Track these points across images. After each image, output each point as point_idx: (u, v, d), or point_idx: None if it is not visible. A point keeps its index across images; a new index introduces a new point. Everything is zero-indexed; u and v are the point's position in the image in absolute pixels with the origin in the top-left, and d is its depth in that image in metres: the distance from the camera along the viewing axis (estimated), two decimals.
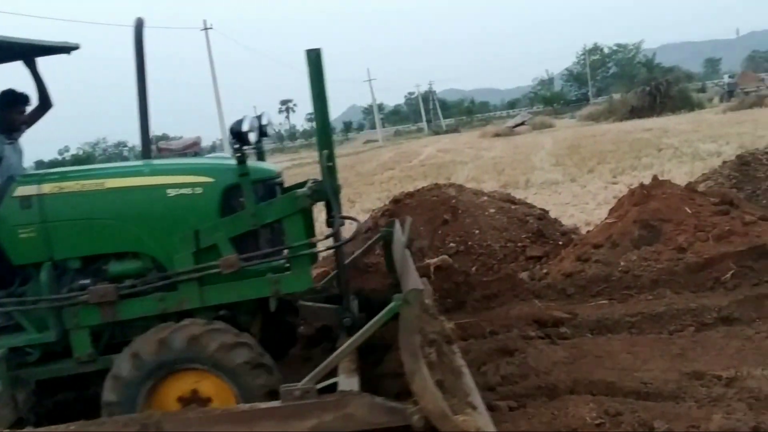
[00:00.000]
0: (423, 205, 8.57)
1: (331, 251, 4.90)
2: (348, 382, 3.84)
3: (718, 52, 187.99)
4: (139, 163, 5.19)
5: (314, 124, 4.76)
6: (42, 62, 5.62)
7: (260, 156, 5.32)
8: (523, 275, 7.40)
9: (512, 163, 25.24)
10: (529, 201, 10.38)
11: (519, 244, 8.10)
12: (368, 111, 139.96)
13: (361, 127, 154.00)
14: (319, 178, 4.59)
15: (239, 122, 4.30)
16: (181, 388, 4.02)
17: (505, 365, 5.01)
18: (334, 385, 3.84)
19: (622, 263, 6.85)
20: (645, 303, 6.24)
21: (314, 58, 4.42)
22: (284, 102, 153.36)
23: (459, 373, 4.16)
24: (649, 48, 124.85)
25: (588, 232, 8.25)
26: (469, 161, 29.69)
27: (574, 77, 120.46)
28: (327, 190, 4.45)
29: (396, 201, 8.94)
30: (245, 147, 4.33)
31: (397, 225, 5.67)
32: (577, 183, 17.03)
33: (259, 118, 5.05)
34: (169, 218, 4.34)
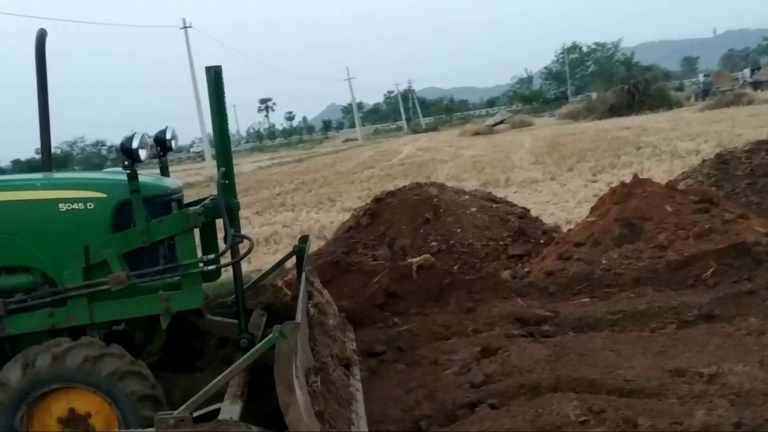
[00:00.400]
0: (405, 204, 8.57)
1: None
2: (230, 409, 3.79)
3: (695, 51, 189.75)
4: (36, 176, 5.10)
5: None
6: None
7: (164, 171, 5.26)
8: (505, 274, 7.41)
9: (492, 162, 25.34)
10: (509, 199, 10.41)
11: (501, 243, 8.12)
12: (347, 110, 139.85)
13: (340, 126, 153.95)
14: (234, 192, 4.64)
15: (129, 139, 4.21)
16: (60, 408, 3.97)
17: (488, 364, 5.00)
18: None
19: (603, 261, 6.88)
20: (627, 301, 6.26)
21: (213, 75, 4.44)
22: (263, 101, 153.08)
23: (349, 401, 4.18)
24: (628, 47, 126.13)
25: (569, 230, 8.28)
26: (449, 160, 29.78)
27: (553, 76, 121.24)
28: (220, 208, 4.43)
29: (378, 200, 8.92)
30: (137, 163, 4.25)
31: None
32: (556, 181, 17.12)
33: (163, 132, 5.05)
34: (61, 233, 4.29)
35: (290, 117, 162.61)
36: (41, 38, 5.28)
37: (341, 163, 40.43)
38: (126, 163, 4.19)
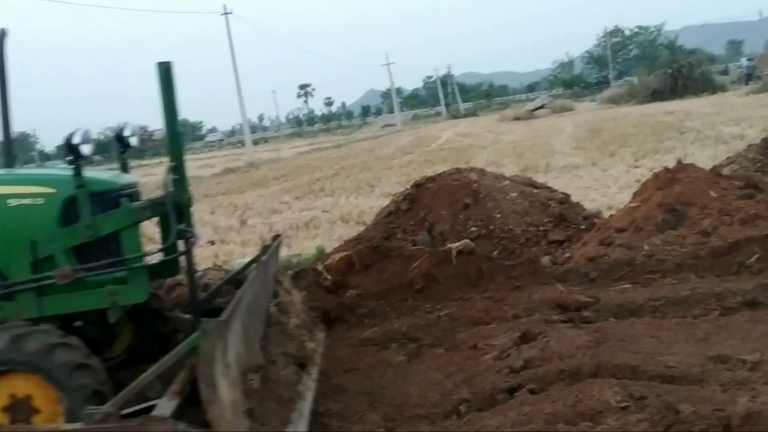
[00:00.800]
0: (444, 190, 8.55)
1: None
2: (165, 405, 3.70)
3: (740, 34, 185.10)
4: None
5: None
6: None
7: (123, 167, 5.27)
8: (545, 259, 7.36)
9: (532, 147, 25.18)
10: (549, 185, 10.34)
11: (541, 228, 8.07)
12: (386, 95, 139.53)
13: (379, 111, 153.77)
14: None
15: (72, 134, 4.26)
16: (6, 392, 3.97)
17: (527, 349, 4.99)
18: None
19: (645, 247, 6.82)
20: (669, 287, 6.20)
21: (164, 71, 4.48)
22: (303, 86, 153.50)
23: (293, 399, 4.20)
24: (671, 30, 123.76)
25: (611, 216, 8.20)
26: (489, 145, 29.63)
27: (595, 60, 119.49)
28: (167, 204, 4.47)
29: (417, 185, 8.92)
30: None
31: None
32: (598, 167, 16.94)
33: (122, 129, 5.11)
34: (10, 228, 4.35)
35: (329, 102, 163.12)
36: (1, 38, 5.34)
37: (380, 148, 40.46)
38: (70, 158, 4.26)
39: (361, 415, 4.47)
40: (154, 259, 4.66)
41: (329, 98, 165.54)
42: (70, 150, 4.25)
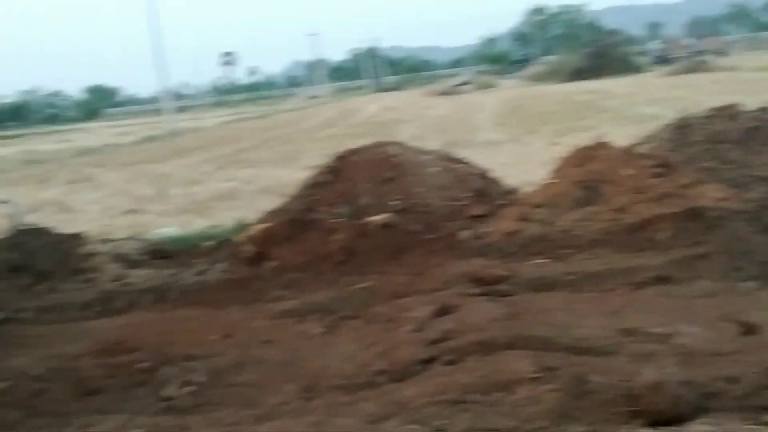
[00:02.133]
0: (366, 163, 8.50)
1: None
2: None
3: (662, 16, 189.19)
4: None
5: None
6: None
7: None
8: (465, 234, 7.43)
9: (455, 123, 25.35)
10: (471, 160, 10.41)
11: (461, 203, 8.12)
12: (312, 66, 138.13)
13: (304, 83, 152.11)
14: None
15: None
16: None
17: (444, 322, 5.05)
18: None
19: (561, 223, 6.94)
20: (583, 262, 6.33)
21: None
22: (226, 54, 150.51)
23: None
24: (595, 10, 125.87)
25: (529, 192, 8.32)
26: (413, 119, 29.68)
27: (519, 37, 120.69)
28: None
29: (340, 158, 8.85)
30: None
31: None
32: (519, 143, 17.17)
33: None
34: None
35: (253, 71, 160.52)
36: None
37: (304, 120, 40.10)
38: None
39: (278, 386, 4.45)
40: None
41: (254, 67, 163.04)
42: None
